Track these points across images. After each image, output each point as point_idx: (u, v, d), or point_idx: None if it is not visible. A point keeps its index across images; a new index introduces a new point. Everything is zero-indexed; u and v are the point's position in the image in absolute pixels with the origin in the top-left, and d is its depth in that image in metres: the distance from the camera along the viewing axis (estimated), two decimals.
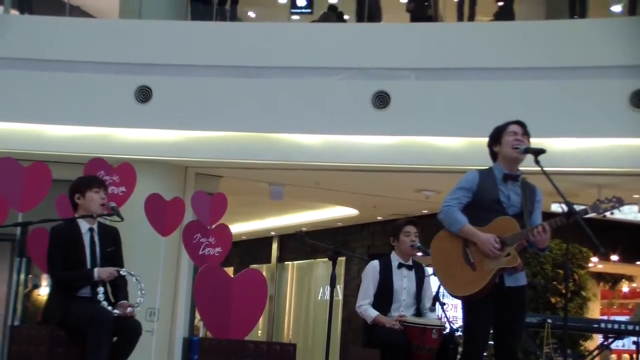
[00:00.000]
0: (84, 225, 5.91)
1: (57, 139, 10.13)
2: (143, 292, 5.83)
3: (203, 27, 10.74)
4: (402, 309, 6.42)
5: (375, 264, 6.57)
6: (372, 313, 6.37)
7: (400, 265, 6.53)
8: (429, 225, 6.92)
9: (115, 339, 5.63)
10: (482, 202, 5.11)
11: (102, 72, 10.05)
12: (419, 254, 6.51)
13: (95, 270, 5.75)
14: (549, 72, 9.47)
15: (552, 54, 9.52)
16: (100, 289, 5.69)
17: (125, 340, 5.67)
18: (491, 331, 5.20)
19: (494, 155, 5.29)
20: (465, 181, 5.20)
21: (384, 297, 6.45)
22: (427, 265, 6.50)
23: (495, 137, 5.25)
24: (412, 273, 6.55)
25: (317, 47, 10.15)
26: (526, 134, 5.21)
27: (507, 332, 5.13)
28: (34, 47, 10.14)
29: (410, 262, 6.59)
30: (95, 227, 5.95)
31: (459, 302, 5.31)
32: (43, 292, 11.77)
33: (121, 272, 5.84)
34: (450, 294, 5.18)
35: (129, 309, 5.72)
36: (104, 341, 5.46)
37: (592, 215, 4.94)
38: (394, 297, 6.44)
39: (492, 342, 5.26)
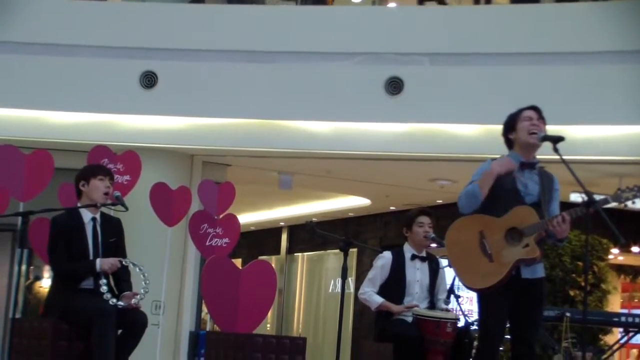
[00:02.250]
0: (86, 214, 5.90)
1: (59, 126, 10.01)
2: (147, 282, 5.80)
3: (210, 9, 10.62)
4: (415, 302, 6.37)
5: (387, 255, 6.52)
6: (377, 299, 6.36)
7: (413, 257, 6.48)
8: (443, 215, 6.85)
9: (120, 331, 5.64)
10: (498, 190, 5.04)
11: (105, 57, 9.89)
12: (434, 245, 6.46)
13: (98, 261, 5.74)
14: (568, 57, 9.29)
15: (572, 38, 9.33)
16: (103, 281, 5.66)
17: (131, 332, 5.68)
18: (508, 325, 5.13)
19: (509, 144, 5.23)
20: (481, 171, 5.14)
21: (396, 290, 6.40)
22: (441, 257, 6.43)
23: (510, 125, 5.21)
24: (425, 265, 6.50)
25: (327, 31, 9.99)
26: (542, 118, 5.16)
27: (523, 326, 5.09)
28: (34, 31, 9.98)
29: (424, 254, 6.54)
30: (97, 216, 5.94)
31: (474, 295, 5.27)
32: (45, 284, 11.80)
33: (124, 263, 5.83)
34: (466, 286, 5.15)
35: (133, 300, 5.69)
36: (109, 338, 5.48)
37: (612, 205, 4.90)
38: (406, 289, 6.40)
39: (508, 336, 5.21)
